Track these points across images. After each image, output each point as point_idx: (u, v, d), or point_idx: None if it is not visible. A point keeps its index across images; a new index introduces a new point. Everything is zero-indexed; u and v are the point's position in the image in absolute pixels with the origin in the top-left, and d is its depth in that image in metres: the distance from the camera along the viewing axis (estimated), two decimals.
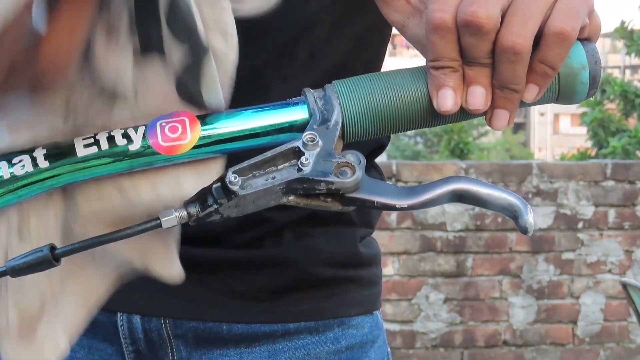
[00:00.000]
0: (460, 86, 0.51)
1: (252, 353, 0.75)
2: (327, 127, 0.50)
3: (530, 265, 3.86)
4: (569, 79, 0.52)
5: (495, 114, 0.52)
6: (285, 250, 0.75)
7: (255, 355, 0.75)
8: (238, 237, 0.74)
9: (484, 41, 0.49)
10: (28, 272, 0.43)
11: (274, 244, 0.75)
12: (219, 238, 0.74)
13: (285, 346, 0.75)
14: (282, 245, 0.75)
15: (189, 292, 0.75)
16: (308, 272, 0.76)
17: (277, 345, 0.75)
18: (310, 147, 0.48)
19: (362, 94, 0.51)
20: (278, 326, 0.75)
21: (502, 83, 0.50)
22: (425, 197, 0.49)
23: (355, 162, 0.48)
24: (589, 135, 7.59)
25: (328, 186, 0.47)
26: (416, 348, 3.84)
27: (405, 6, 0.56)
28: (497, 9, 0.48)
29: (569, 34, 0.49)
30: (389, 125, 0.52)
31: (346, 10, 0.72)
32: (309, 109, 0.51)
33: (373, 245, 0.83)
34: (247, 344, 0.75)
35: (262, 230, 0.74)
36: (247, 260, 0.75)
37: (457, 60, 0.50)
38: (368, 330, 0.79)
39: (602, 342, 3.94)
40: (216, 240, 0.74)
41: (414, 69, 0.53)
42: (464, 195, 0.49)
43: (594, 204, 3.87)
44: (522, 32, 0.48)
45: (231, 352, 0.75)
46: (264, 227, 0.74)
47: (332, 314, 0.77)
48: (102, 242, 0.43)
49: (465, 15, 0.48)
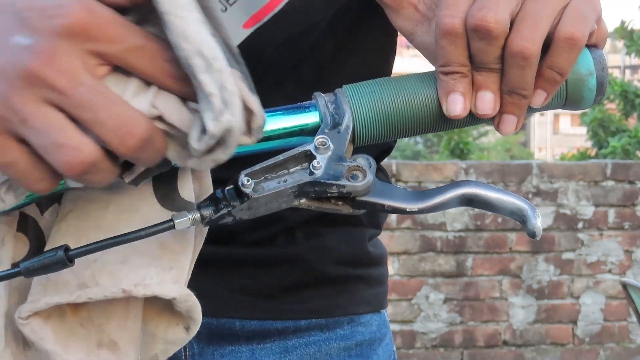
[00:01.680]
0: (469, 91, 0.51)
1: (264, 349, 0.76)
2: (338, 131, 0.50)
3: (530, 265, 3.86)
4: (577, 85, 0.53)
5: (503, 119, 0.52)
6: (296, 249, 0.77)
7: (267, 352, 0.76)
8: (251, 236, 0.75)
9: (493, 46, 0.49)
10: (43, 272, 0.43)
11: (286, 242, 0.76)
12: (232, 236, 0.75)
13: (296, 342, 0.76)
14: (293, 244, 0.76)
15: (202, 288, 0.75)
16: (319, 271, 0.77)
17: (289, 341, 0.76)
18: (322, 151, 0.48)
19: (372, 99, 0.52)
20: (290, 323, 0.76)
21: (510, 88, 0.51)
22: (436, 200, 0.50)
23: (366, 166, 0.49)
24: (589, 135, 7.59)
25: (339, 189, 0.48)
26: (416, 348, 3.84)
27: (414, 14, 0.57)
28: (506, 14, 0.49)
29: (579, 39, 0.49)
30: (399, 130, 0.52)
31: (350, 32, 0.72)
32: (320, 113, 0.51)
33: (380, 245, 0.84)
34: (259, 340, 0.76)
35: (274, 229, 0.75)
36: (259, 258, 0.76)
37: (467, 66, 0.51)
38: (376, 328, 0.81)
39: (602, 342, 3.95)
40: (230, 238, 0.75)
41: (424, 73, 0.54)
42: (473, 199, 0.50)
43: (594, 204, 3.87)
44: (531, 36, 0.48)
45: (243, 348, 0.76)
46: (277, 226, 0.75)
47: (342, 311, 0.78)
48: (116, 243, 0.43)
49: (474, 20, 0.48)
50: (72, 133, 0.40)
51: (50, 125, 0.40)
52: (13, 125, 0.40)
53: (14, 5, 0.41)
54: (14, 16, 0.40)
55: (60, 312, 0.46)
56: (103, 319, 0.47)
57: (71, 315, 0.46)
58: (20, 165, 0.41)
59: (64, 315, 0.46)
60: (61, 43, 0.40)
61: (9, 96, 0.40)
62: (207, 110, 0.39)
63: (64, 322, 0.46)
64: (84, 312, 0.47)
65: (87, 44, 0.40)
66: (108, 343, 0.47)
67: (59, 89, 0.39)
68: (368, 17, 0.71)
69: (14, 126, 0.40)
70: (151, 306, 0.49)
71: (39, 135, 0.40)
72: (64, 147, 0.40)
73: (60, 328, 0.45)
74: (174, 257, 0.47)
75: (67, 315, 0.46)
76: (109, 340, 0.47)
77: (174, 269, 0.47)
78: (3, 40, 0.40)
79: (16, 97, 0.39)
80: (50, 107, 0.40)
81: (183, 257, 0.48)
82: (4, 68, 0.40)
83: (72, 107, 0.40)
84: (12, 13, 0.40)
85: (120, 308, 0.47)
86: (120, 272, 0.45)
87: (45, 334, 0.45)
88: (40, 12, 0.40)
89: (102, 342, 0.47)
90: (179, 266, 0.47)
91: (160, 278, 0.46)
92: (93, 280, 0.45)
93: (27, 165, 0.41)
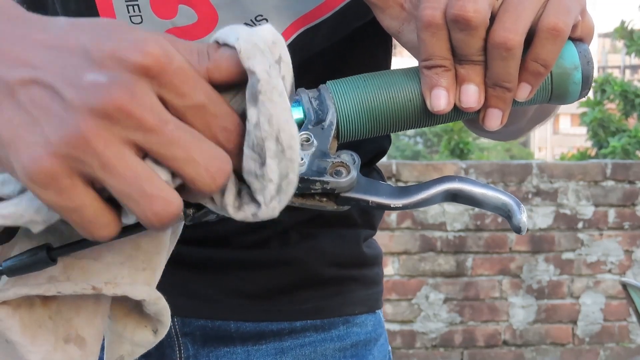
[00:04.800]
0: (453, 85, 0.51)
1: (259, 351, 0.76)
2: (321, 127, 0.50)
3: (530, 265, 3.86)
4: (562, 79, 0.52)
5: (488, 113, 0.52)
6: (291, 251, 0.77)
7: (262, 353, 0.76)
8: (245, 238, 0.75)
9: (474, 37, 0.49)
10: (25, 271, 0.42)
11: (281, 244, 0.76)
12: (227, 239, 0.75)
13: (291, 344, 0.76)
14: (288, 246, 0.76)
15: (197, 291, 0.76)
16: (313, 272, 0.77)
17: (284, 342, 0.76)
18: (305, 147, 0.48)
19: (356, 94, 0.52)
20: (285, 324, 0.76)
21: (494, 81, 0.50)
22: (419, 196, 0.50)
23: (350, 162, 0.49)
24: (589, 135, 7.59)
25: (323, 186, 0.48)
26: (416, 348, 3.84)
27: (400, 12, 0.56)
28: (486, 5, 0.48)
29: (562, 30, 0.49)
30: (384, 125, 0.52)
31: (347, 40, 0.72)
32: (304, 109, 0.51)
33: (375, 245, 0.84)
34: (254, 341, 0.76)
35: (268, 231, 0.75)
36: (254, 260, 0.76)
37: (449, 59, 0.50)
38: (371, 329, 0.80)
39: (602, 342, 3.95)
40: (224, 241, 0.75)
41: (408, 69, 0.53)
42: (457, 194, 0.50)
43: (594, 204, 3.87)
44: (513, 27, 0.48)
45: (238, 350, 0.76)
46: (271, 228, 0.75)
47: (337, 312, 0.78)
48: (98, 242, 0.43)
49: (453, 10, 0.48)
50: (160, 183, 0.37)
51: (137, 174, 0.36)
52: (88, 168, 0.36)
53: (83, 45, 0.37)
54: (84, 55, 0.37)
55: (29, 303, 0.45)
56: (72, 313, 0.46)
57: (40, 307, 0.46)
58: (87, 211, 0.37)
59: (33, 306, 0.45)
60: (140, 81, 0.36)
61: (88, 137, 0.35)
62: (259, 193, 0.40)
63: (32, 313, 0.45)
64: (53, 305, 0.46)
65: (159, 88, 0.37)
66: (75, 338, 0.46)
67: (147, 125, 0.36)
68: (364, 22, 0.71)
69: (90, 170, 0.36)
70: (120, 306, 0.48)
71: (122, 184, 0.36)
72: (155, 198, 0.36)
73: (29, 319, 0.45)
74: (148, 258, 0.47)
75: (37, 307, 0.46)
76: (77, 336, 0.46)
77: (147, 269, 0.46)
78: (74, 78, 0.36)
79: (95, 137, 0.35)
80: (132, 150, 0.36)
81: (156, 259, 0.47)
82: (79, 106, 0.35)
83: (160, 145, 0.36)
84: (83, 52, 0.37)
85: (90, 304, 0.47)
86: (92, 269, 0.45)
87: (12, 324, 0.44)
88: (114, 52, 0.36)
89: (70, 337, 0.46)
90: (151, 267, 0.47)
91: (132, 278, 0.45)
92: (64, 274, 0.44)
93: (94, 211, 0.37)
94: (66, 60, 0.37)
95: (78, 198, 0.36)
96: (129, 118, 0.36)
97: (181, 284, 0.75)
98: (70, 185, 0.36)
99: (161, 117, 0.36)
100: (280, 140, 0.39)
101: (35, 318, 0.45)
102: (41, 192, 0.36)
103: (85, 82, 0.36)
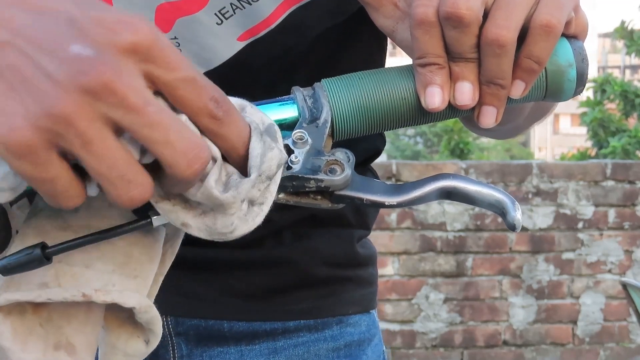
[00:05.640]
0: (447, 83, 0.51)
1: (253, 350, 0.76)
2: (316, 125, 0.50)
3: (530, 265, 3.86)
4: (556, 76, 0.52)
5: (482, 110, 0.52)
6: (285, 251, 0.76)
7: (255, 353, 0.76)
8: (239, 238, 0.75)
9: (467, 34, 0.49)
10: (20, 270, 0.42)
11: (274, 244, 0.76)
12: None
13: (285, 344, 0.76)
14: (282, 246, 0.76)
15: (191, 290, 0.76)
16: (307, 272, 0.77)
17: (277, 342, 0.76)
18: (300, 145, 0.48)
19: (350, 92, 0.51)
20: (278, 324, 0.76)
21: (488, 78, 0.50)
22: (414, 194, 0.49)
23: (344, 160, 0.49)
24: (589, 135, 7.59)
25: (317, 184, 0.48)
26: (416, 348, 3.84)
27: (394, 11, 0.56)
28: (478, 2, 0.48)
29: (555, 26, 0.49)
30: (378, 123, 0.52)
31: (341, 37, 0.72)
32: (298, 108, 0.51)
33: (369, 245, 0.84)
34: (247, 341, 0.76)
35: (262, 231, 0.75)
36: (248, 260, 0.76)
37: (443, 57, 0.50)
38: (365, 329, 0.80)
39: (602, 342, 3.94)
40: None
41: (403, 67, 0.53)
42: (452, 192, 0.50)
43: (594, 204, 3.87)
44: (506, 24, 0.48)
45: (232, 350, 0.76)
46: (265, 228, 0.75)
47: (331, 312, 0.78)
48: (94, 240, 0.43)
49: (446, 7, 0.48)
50: (137, 168, 0.37)
51: (116, 157, 0.36)
52: (68, 144, 0.35)
53: (68, 12, 0.36)
54: (69, 24, 0.36)
55: (20, 310, 0.45)
56: (63, 320, 0.46)
57: (32, 314, 0.46)
58: (60, 183, 0.37)
59: (25, 313, 0.45)
60: (126, 59, 0.36)
61: (71, 113, 0.35)
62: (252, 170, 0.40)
63: (23, 319, 0.45)
64: (44, 312, 0.46)
65: (147, 65, 0.37)
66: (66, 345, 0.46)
67: (130, 105, 0.35)
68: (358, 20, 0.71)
69: (69, 146, 0.35)
70: (114, 317, 0.48)
71: (102, 166, 0.36)
72: (132, 183, 0.36)
73: (20, 325, 0.45)
74: (140, 266, 0.47)
75: (28, 313, 0.46)
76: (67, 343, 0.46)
77: (139, 277, 0.46)
78: (58, 47, 0.35)
79: (78, 114, 0.35)
80: (111, 129, 0.36)
81: (149, 267, 0.47)
82: (62, 79, 0.35)
83: (141, 126, 0.36)
84: (67, 20, 0.36)
85: (82, 312, 0.47)
86: (83, 276, 0.45)
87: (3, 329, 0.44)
88: (100, 25, 0.36)
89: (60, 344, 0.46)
90: (143, 275, 0.47)
91: (122, 286, 0.45)
92: (55, 281, 0.44)
93: (66, 183, 0.37)
94: (50, 26, 0.36)
95: (53, 170, 0.36)
96: (113, 95, 0.35)
97: (174, 283, 0.75)
98: (47, 157, 0.36)
99: (145, 98, 0.36)
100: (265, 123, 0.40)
101: (26, 325, 0.45)
102: (15, 162, 0.36)
103: (71, 54, 0.35)
